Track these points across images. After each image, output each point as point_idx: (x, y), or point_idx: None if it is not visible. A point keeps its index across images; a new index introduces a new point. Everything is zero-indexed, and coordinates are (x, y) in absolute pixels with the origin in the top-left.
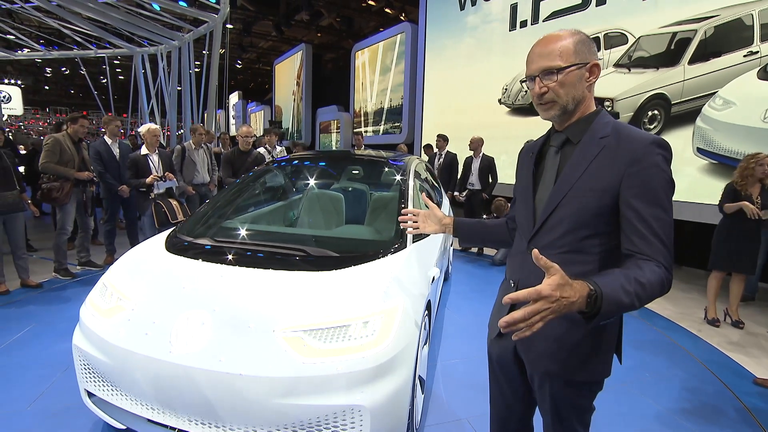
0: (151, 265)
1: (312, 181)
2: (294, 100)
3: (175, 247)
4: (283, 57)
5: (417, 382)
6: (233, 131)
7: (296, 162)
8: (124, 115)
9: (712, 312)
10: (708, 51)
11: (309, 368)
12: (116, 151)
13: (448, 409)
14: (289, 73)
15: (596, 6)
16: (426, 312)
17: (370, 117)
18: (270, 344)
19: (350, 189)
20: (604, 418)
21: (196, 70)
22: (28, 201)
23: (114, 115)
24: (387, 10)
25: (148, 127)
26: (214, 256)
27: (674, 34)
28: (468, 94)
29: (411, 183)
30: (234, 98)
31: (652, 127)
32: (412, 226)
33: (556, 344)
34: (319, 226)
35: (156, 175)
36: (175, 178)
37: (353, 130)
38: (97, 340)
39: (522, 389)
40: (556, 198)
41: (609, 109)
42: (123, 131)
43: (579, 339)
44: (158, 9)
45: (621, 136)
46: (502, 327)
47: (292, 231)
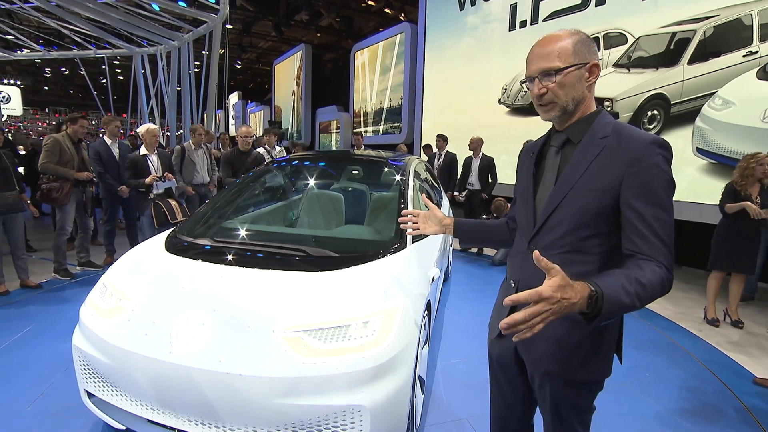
0: (151, 266)
1: (312, 182)
2: (294, 100)
3: (174, 247)
4: (282, 57)
5: (417, 382)
6: (233, 131)
7: (296, 162)
8: (124, 116)
9: (712, 312)
10: (707, 51)
11: (309, 368)
12: (116, 151)
13: (448, 409)
14: (288, 73)
15: (596, 6)
16: (426, 312)
17: (369, 117)
18: (270, 344)
19: (350, 189)
20: (604, 418)
21: (196, 70)
22: (28, 201)
23: (113, 116)
24: (386, 10)
25: (147, 127)
26: (214, 256)
27: (674, 34)
28: (468, 94)
29: (411, 183)
30: (233, 98)
31: (651, 127)
32: (412, 227)
33: (557, 345)
34: (319, 226)
35: (155, 175)
36: (174, 179)
37: (353, 131)
38: (96, 341)
39: (522, 389)
40: (556, 198)
41: (608, 109)
42: (122, 131)
43: (580, 339)
44: (158, 9)
45: (621, 136)
46: (503, 329)
47: (292, 231)
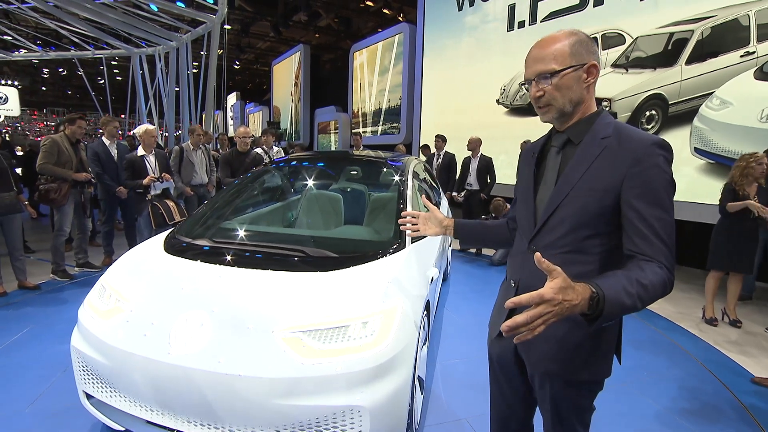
0: (150, 266)
1: (310, 182)
2: (292, 100)
3: (173, 248)
4: (281, 57)
5: (416, 382)
6: (231, 132)
7: (295, 163)
8: (122, 116)
9: (710, 311)
10: (705, 51)
11: (308, 369)
12: (114, 152)
13: (448, 409)
14: (287, 73)
15: (594, 6)
16: (425, 312)
17: (368, 117)
18: (269, 345)
19: (349, 189)
20: (603, 418)
21: (194, 71)
22: (26, 202)
23: (112, 116)
24: (385, 10)
25: (145, 128)
26: (213, 257)
27: (671, 34)
28: (466, 95)
29: (410, 183)
30: (232, 99)
31: (649, 127)
32: (412, 228)
33: (558, 345)
34: (318, 226)
35: (153, 176)
36: (171, 179)
37: (351, 131)
38: (95, 342)
39: (522, 389)
40: (557, 198)
41: (607, 109)
42: (121, 132)
43: (580, 340)
44: (156, 10)
45: (622, 137)
46: (505, 331)
47: (291, 232)
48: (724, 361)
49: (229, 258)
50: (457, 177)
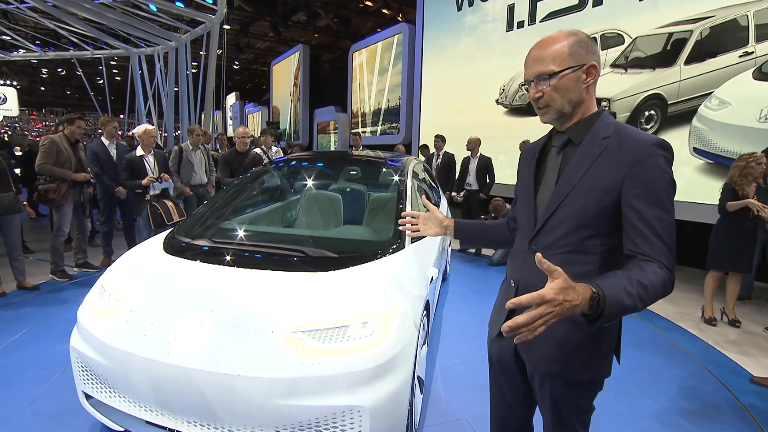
0: (149, 267)
1: (310, 182)
2: (291, 100)
3: (173, 248)
4: (280, 58)
5: (416, 382)
6: (230, 132)
7: (294, 163)
8: (121, 116)
9: (709, 311)
10: (704, 51)
11: (308, 369)
12: (113, 152)
13: (448, 409)
14: (286, 73)
15: (593, 6)
16: (425, 312)
17: (367, 117)
18: (269, 345)
19: (348, 189)
20: (603, 418)
21: (194, 71)
22: (24, 202)
23: (111, 116)
24: (384, 10)
25: (144, 128)
26: (213, 257)
27: (670, 34)
28: (466, 95)
29: (409, 183)
30: (231, 99)
31: (648, 127)
32: (412, 228)
33: (558, 345)
34: (318, 226)
35: (152, 176)
36: (170, 179)
37: (351, 131)
38: (94, 342)
39: (522, 389)
40: (557, 198)
41: (606, 109)
42: (120, 132)
43: (580, 340)
44: (155, 10)
45: (623, 137)
46: (506, 332)
47: (291, 232)
48: (723, 361)
49: (228, 258)
50: (457, 177)
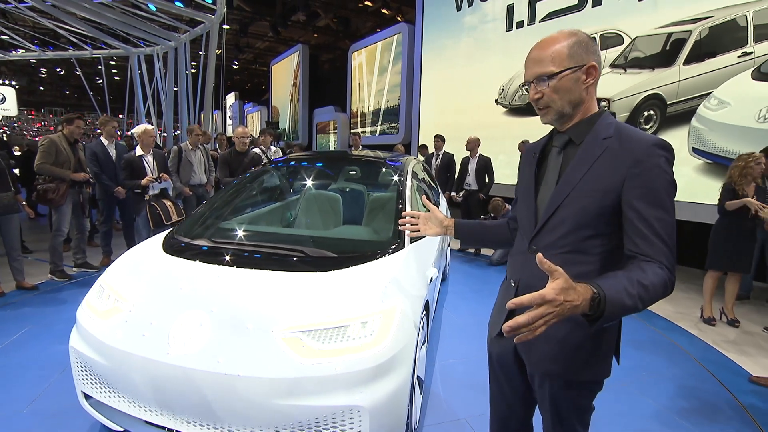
0: (149, 267)
1: (309, 182)
2: (291, 100)
3: (172, 248)
4: (279, 57)
5: (416, 382)
6: (230, 132)
7: (293, 162)
8: (120, 116)
9: (708, 311)
10: (703, 52)
11: (308, 369)
12: (113, 152)
13: (447, 409)
14: (285, 73)
15: (592, 7)
16: (424, 312)
17: (367, 117)
18: (269, 345)
19: (348, 189)
20: (603, 418)
21: (193, 71)
22: (23, 202)
23: (110, 116)
24: (384, 10)
25: (143, 128)
26: (212, 257)
27: (669, 34)
28: (465, 95)
29: (408, 183)
30: (230, 99)
31: (648, 127)
32: (412, 228)
33: (558, 346)
34: (317, 226)
35: (151, 176)
36: (170, 179)
37: (350, 131)
38: (94, 342)
39: (522, 388)
40: (557, 198)
41: (606, 109)
42: (119, 132)
43: (580, 340)
44: (154, 9)
45: (623, 137)
46: (506, 332)
47: (290, 232)
48: (722, 361)
49: (228, 258)
50: (456, 177)
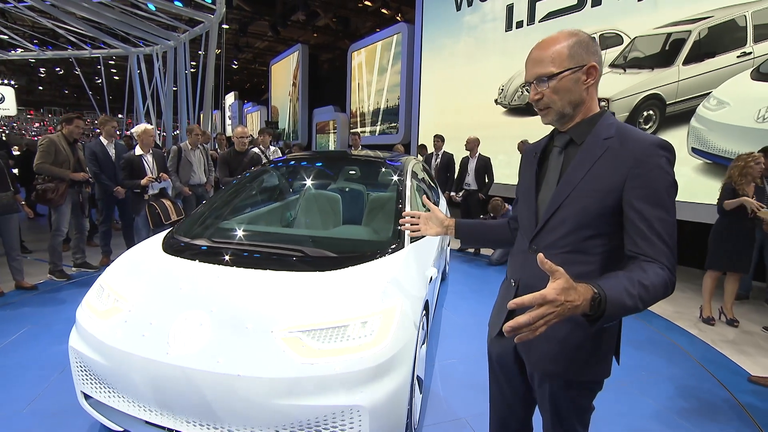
0: (149, 266)
1: (309, 182)
2: (290, 100)
3: (172, 248)
4: (279, 57)
5: (415, 381)
6: (229, 132)
7: (293, 162)
8: (119, 116)
9: (708, 310)
10: (702, 52)
11: (308, 368)
12: (112, 151)
13: (447, 409)
14: (285, 73)
15: (591, 7)
16: (424, 312)
17: (366, 117)
18: (268, 345)
19: (347, 189)
20: (602, 417)
21: (192, 70)
22: (22, 202)
23: (110, 116)
24: (383, 10)
25: (144, 127)
26: (212, 256)
27: (669, 35)
28: (465, 94)
29: (408, 183)
30: (230, 99)
31: (647, 127)
32: (413, 228)
33: (558, 346)
34: (317, 226)
35: (151, 176)
36: (169, 179)
37: (350, 131)
38: (93, 342)
39: (522, 388)
40: (558, 198)
41: (608, 109)
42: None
43: (581, 340)
44: (153, 9)
45: (625, 138)
46: (507, 332)
47: (290, 231)
48: (721, 360)
49: (227, 258)
50: (456, 177)
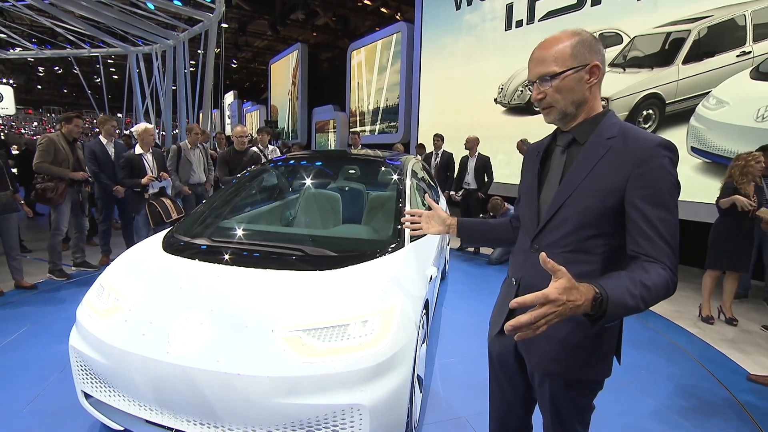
0: (149, 266)
1: (309, 181)
2: (290, 99)
3: (172, 247)
4: (278, 56)
5: (415, 380)
6: (229, 131)
7: (293, 162)
8: (118, 115)
9: (707, 309)
10: (701, 51)
11: (308, 368)
12: (111, 151)
13: (447, 408)
14: (284, 72)
15: (591, 6)
16: (424, 311)
17: (366, 116)
18: (269, 344)
19: (347, 188)
20: (602, 416)
21: (191, 69)
22: (22, 201)
23: (109, 115)
24: (383, 9)
25: (144, 126)
26: (212, 256)
27: (668, 34)
28: (464, 94)
29: (408, 182)
30: (229, 98)
31: (647, 126)
32: (415, 227)
33: (559, 345)
34: (317, 225)
35: (152, 175)
36: (169, 178)
37: (350, 130)
38: (94, 341)
39: (522, 387)
40: (560, 198)
41: (611, 109)
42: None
43: (581, 340)
44: (153, 8)
45: (628, 137)
46: (508, 330)
47: (290, 231)
48: (720, 359)
49: (227, 257)
50: (455, 176)
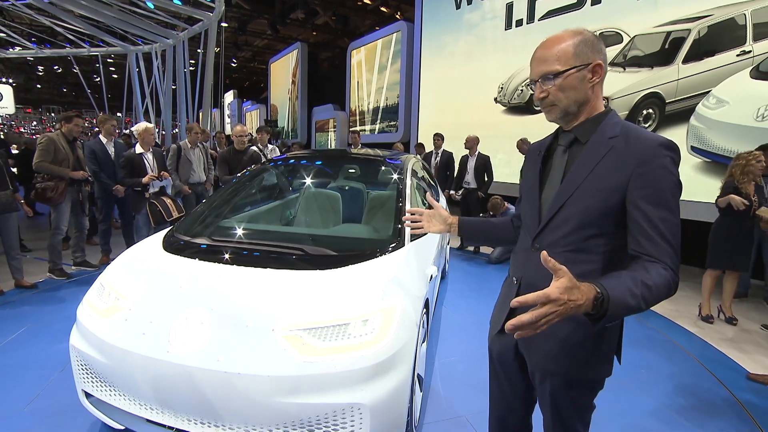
0: (149, 265)
1: (309, 180)
2: (290, 98)
3: (172, 246)
4: (278, 55)
5: (416, 379)
6: (228, 130)
7: (293, 161)
8: (118, 114)
9: (707, 309)
10: (702, 50)
11: (308, 367)
12: (111, 150)
13: (447, 407)
14: (284, 71)
15: (591, 5)
16: (424, 310)
17: (366, 116)
18: (269, 343)
19: (347, 188)
20: (602, 415)
21: (191, 68)
22: (21, 201)
23: (109, 115)
24: (383, 8)
25: (145, 125)
26: (212, 255)
27: (668, 33)
28: (464, 93)
29: (408, 182)
30: (229, 97)
31: (647, 125)
32: (416, 225)
33: (560, 344)
34: (317, 225)
35: (152, 174)
36: (170, 177)
37: (350, 129)
38: (94, 340)
39: (522, 386)
40: (562, 197)
41: (613, 109)
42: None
43: (582, 340)
44: (152, 7)
45: (630, 137)
46: (509, 329)
47: (290, 230)
48: (720, 358)
49: (228, 256)
50: (455, 175)
